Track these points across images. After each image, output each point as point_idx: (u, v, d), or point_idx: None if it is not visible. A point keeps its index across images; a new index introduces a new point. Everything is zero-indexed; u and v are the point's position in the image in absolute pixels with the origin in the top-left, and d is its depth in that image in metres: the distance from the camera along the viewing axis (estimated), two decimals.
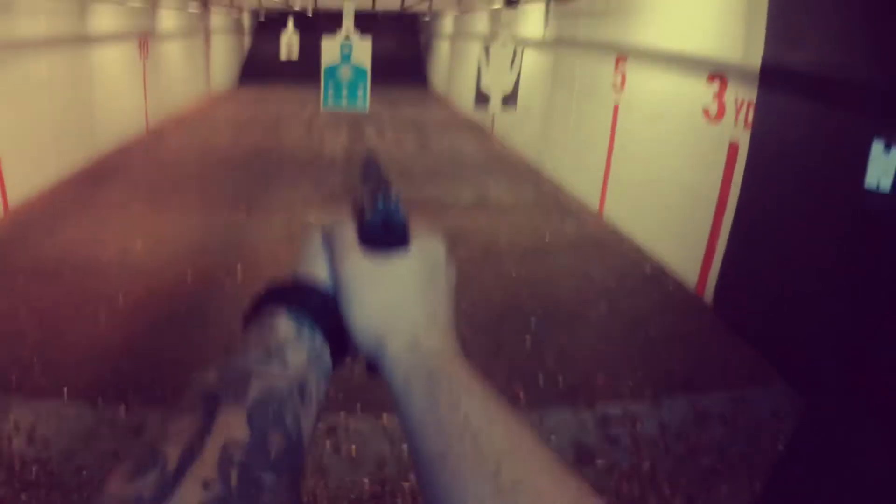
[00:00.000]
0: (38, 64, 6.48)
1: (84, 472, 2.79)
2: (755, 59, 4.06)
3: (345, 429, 3.13)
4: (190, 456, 0.41)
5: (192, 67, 12.86)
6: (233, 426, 0.44)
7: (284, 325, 0.54)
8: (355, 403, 3.21)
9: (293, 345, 0.53)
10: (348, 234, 0.58)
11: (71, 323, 3.97)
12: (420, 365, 0.52)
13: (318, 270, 0.59)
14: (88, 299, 4.26)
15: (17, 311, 4.06)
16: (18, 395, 3.28)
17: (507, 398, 0.49)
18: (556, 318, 4.35)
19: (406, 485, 2.86)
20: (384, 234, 0.57)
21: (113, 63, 8.67)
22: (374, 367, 0.57)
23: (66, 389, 3.33)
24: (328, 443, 3.03)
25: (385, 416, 3.17)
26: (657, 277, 5.05)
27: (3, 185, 5.80)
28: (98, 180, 7.11)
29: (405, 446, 3.01)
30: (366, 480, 2.87)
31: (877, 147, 3.06)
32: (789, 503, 2.29)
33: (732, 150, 4.37)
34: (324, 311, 0.56)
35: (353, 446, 3.05)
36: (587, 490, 0.43)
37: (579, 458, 3.05)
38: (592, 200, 6.67)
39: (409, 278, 0.56)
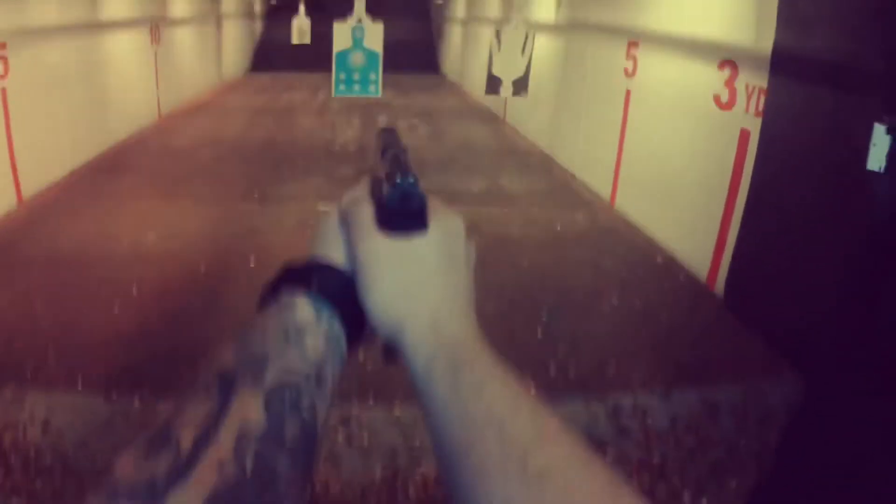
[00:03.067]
0: (49, 52, 6.48)
1: (98, 461, 2.82)
2: (766, 46, 4.01)
3: (357, 418, 3.15)
4: (205, 438, 0.40)
5: (204, 54, 12.84)
6: (249, 410, 0.43)
7: (303, 309, 0.53)
8: (368, 393, 3.23)
9: (312, 329, 0.52)
10: (366, 215, 0.57)
11: (85, 313, 4.01)
12: (441, 350, 0.51)
13: (335, 252, 0.59)
14: (102, 290, 4.30)
15: (31, 302, 4.09)
16: (33, 385, 3.31)
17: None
18: (567, 308, 4.35)
19: (418, 473, 2.88)
20: (403, 216, 0.56)
21: (125, 51, 8.67)
22: (390, 353, 0.56)
23: (80, 379, 3.37)
24: (341, 432, 3.06)
25: (398, 406, 3.19)
26: (668, 268, 5.04)
27: (16, 176, 5.83)
28: (111, 170, 7.14)
29: (417, 436, 3.04)
30: (378, 470, 2.91)
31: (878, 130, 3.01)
32: (789, 490, 2.30)
33: (743, 137, 4.33)
34: (342, 294, 0.55)
35: (366, 436, 3.07)
36: (615, 477, 0.42)
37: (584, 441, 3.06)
38: (604, 189, 6.64)
39: (428, 260, 0.55)
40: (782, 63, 3.94)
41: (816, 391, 2.86)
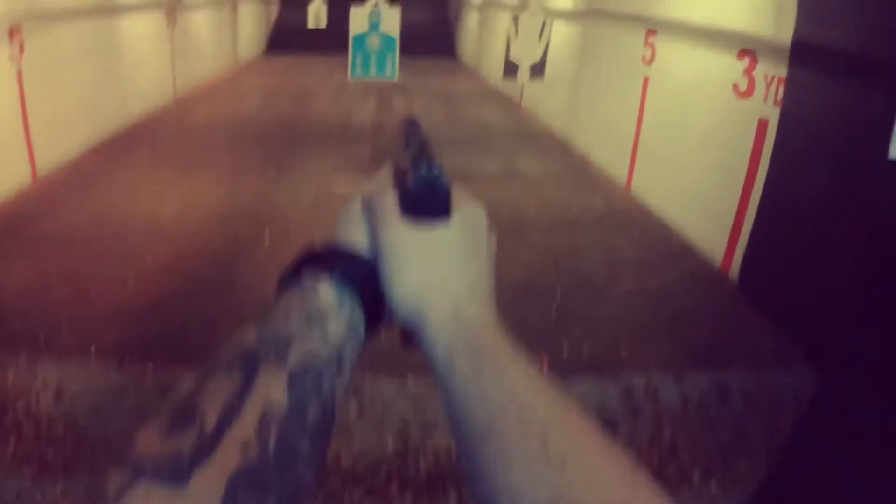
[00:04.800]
0: (65, 35, 6.50)
1: (110, 429, 2.84)
2: (786, 36, 3.99)
3: (370, 390, 3.16)
4: (229, 417, 0.40)
5: (220, 36, 12.85)
6: (273, 390, 0.43)
7: (327, 294, 0.54)
8: (381, 365, 3.24)
9: (334, 314, 0.52)
10: (390, 202, 0.57)
11: (99, 286, 4.03)
12: (462, 336, 0.51)
13: (357, 238, 0.59)
14: (117, 264, 4.32)
15: (46, 276, 4.12)
16: (46, 355, 3.33)
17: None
18: (581, 290, 4.34)
19: (429, 444, 2.89)
20: (427, 204, 0.56)
21: (141, 33, 8.68)
22: (409, 339, 0.56)
23: (93, 349, 3.39)
24: (353, 404, 3.06)
25: (410, 378, 3.19)
26: (683, 253, 5.01)
27: (31, 154, 5.87)
28: (126, 149, 7.17)
29: (429, 408, 3.04)
30: (389, 440, 2.91)
31: None
32: (800, 479, 2.28)
33: (762, 126, 4.30)
34: (363, 281, 0.56)
35: (378, 407, 3.08)
36: (633, 464, 0.42)
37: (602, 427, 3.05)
38: (620, 174, 6.61)
39: (451, 248, 0.56)
40: (802, 53, 3.92)
41: (830, 380, 2.84)
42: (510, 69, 8.54)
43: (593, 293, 4.32)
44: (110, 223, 5.01)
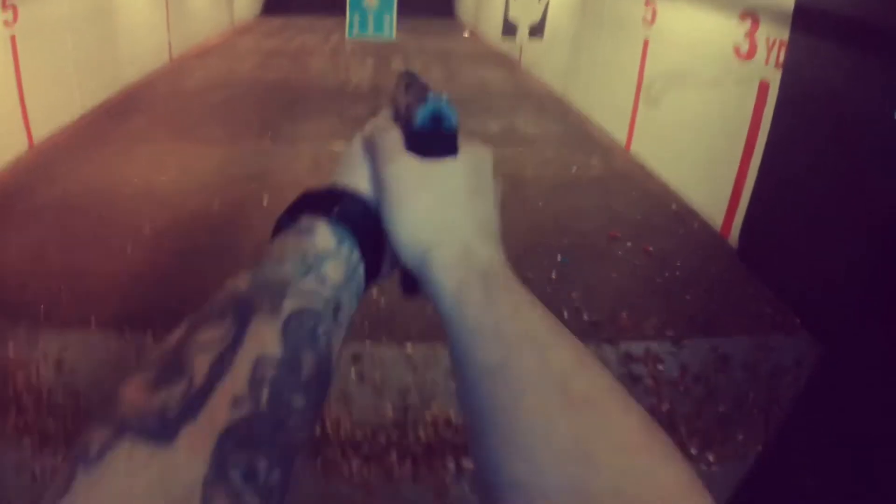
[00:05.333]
0: None
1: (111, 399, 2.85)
2: None
3: (370, 356, 3.17)
4: (219, 369, 0.38)
5: None
6: (266, 340, 0.41)
7: (324, 236, 0.51)
8: (380, 331, 3.24)
9: (332, 258, 0.50)
10: (394, 138, 0.54)
11: (97, 254, 4.02)
12: (474, 270, 0.48)
13: (358, 180, 0.56)
14: (114, 230, 4.31)
15: (43, 244, 4.11)
16: (46, 325, 3.33)
17: None
18: (581, 252, 4.33)
19: (428, 413, 2.91)
20: (434, 138, 0.53)
21: None
22: (410, 285, 0.54)
23: (93, 318, 3.39)
24: (353, 370, 3.08)
25: (409, 345, 3.20)
26: (683, 216, 4.98)
27: (26, 121, 5.81)
28: (122, 114, 7.10)
29: (428, 376, 3.06)
30: (389, 408, 2.93)
31: None
32: (799, 447, 2.29)
33: (762, 89, 4.25)
34: (364, 223, 0.53)
35: (378, 374, 3.09)
36: (648, 416, 0.41)
37: None
38: (620, 135, 6.56)
39: (459, 184, 0.53)
40: (804, 16, 3.86)
41: (829, 351, 2.85)
42: (509, 29, 8.44)
43: (592, 255, 4.31)
44: (107, 190, 4.99)
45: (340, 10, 8.98)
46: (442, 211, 0.52)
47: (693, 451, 2.81)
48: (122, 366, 3.05)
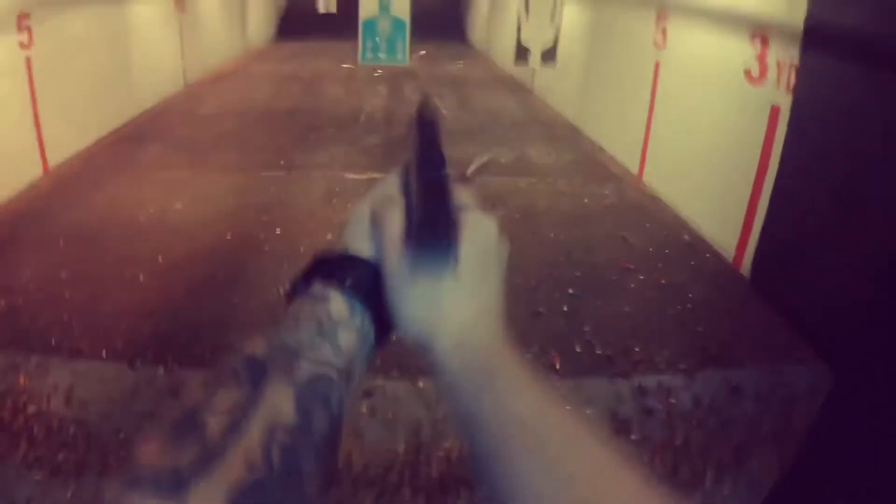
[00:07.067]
0: (74, 22, 6.45)
1: (122, 433, 2.84)
2: (799, 20, 3.89)
3: (382, 392, 3.15)
4: (234, 430, 0.39)
5: (230, 23, 12.77)
6: (280, 403, 0.43)
7: (338, 303, 0.53)
8: (392, 367, 3.23)
9: (345, 324, 0.52)
10: (395, 225, 0.55)
11: (110, 284, 4.04)
12: (469, 364, 0.50)
13: (365, 247, 0.58)
14: (128, 260, 4.32)
15: (56, 272, 4.12)
16: (57, 356, 3.33)
17: (543, 365, 0.49)
18: (593, 284, 4.31)
19: (441, 446, 2.89)
20: (431, 243, 0.54)
21: (149, 20, 8.60)
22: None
23: (104, 351, 3.39)
24: (365, 406, 3.06)
25: (422, 381, 3.19)
26: (695, 247, 4.96)
27: (42, 146, 5.84)
28: (137, 140, 7.15)
29: (441, 411, 3.04)
30: (401, 443, 2.91)
31: None
32: (815, 478, 2.27)
33: (774, 113, 4.22)
34: (373, 292, 0.55)
35: (390, 410, 3.08)
36: (645, 482, 0.42)
37: (615, 429, 3.05)
38: (632, 163, 6.55)
39: (457, 290, 0.54)
40: (815, 38, 3.83)
41: (845, 379, 2.82)
42: (521, 53, 8.46)
43: (604, 287, 4.29)
44: (121, 219, 5.02)
45: (353, 35, 9.03)
46: (437, 308, 0.53)
47: (708, 483, 2.80)
48: (134, 399, 3.05)
